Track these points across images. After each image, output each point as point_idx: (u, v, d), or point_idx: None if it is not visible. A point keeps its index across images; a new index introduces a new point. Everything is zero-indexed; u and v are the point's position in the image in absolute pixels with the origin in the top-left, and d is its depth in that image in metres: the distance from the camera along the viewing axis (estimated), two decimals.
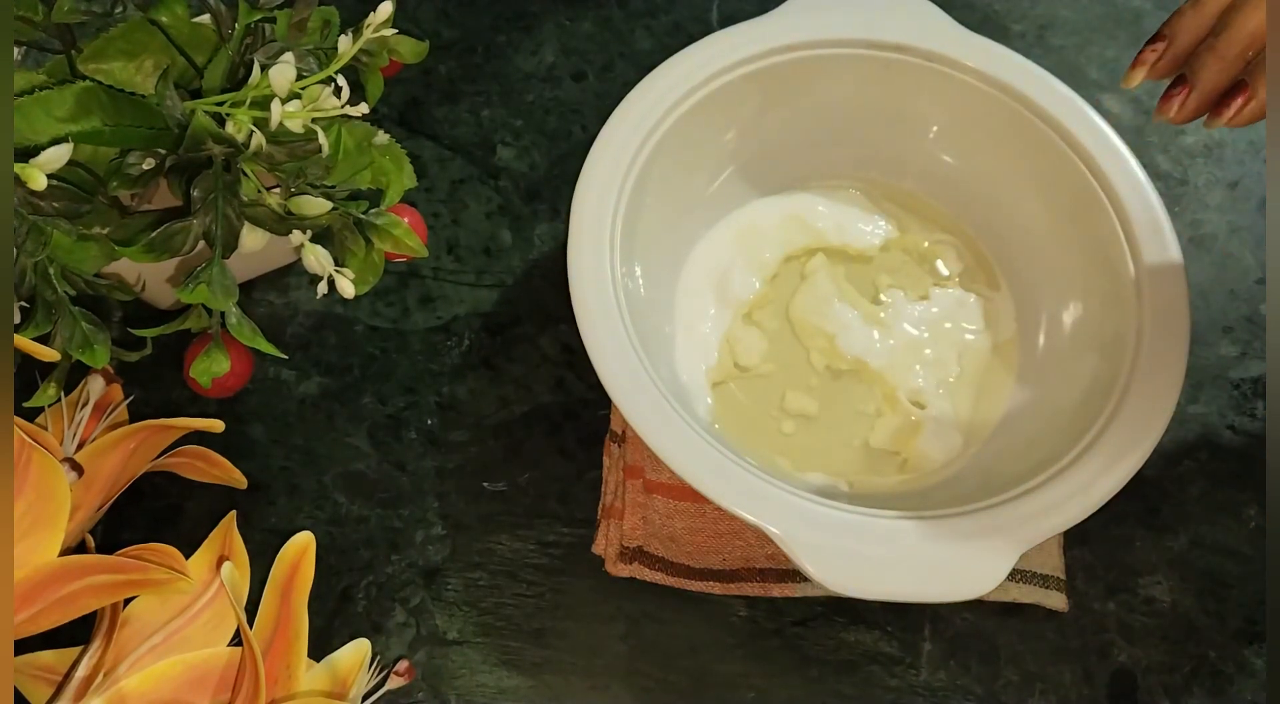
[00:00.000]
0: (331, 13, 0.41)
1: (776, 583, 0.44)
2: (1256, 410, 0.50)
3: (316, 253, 0.39)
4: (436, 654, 0.43)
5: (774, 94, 0.48)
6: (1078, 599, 0.45)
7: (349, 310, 0.50)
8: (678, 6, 0.59)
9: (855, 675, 0.44)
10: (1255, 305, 0.53)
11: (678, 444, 0.39)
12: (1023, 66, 0.47)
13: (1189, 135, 0.57)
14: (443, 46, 0.57)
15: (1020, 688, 0.44)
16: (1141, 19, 0.61)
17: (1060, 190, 0.47)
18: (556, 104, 0.56)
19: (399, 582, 0.44)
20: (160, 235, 0.37)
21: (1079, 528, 0.39)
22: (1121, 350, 0.43)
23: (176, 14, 0.38)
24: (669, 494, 0.45)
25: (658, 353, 0.43)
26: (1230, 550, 0.47)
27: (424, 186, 0.53)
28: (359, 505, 0.46)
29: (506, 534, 0.46)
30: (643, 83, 0.45)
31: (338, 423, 0.47)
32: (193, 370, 0.41)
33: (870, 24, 0.47)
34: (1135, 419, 0.40)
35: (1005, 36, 0.59)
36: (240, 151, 0.36)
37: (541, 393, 0.48)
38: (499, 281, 0.51)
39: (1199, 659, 0.45)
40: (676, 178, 0.47)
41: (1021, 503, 0.39)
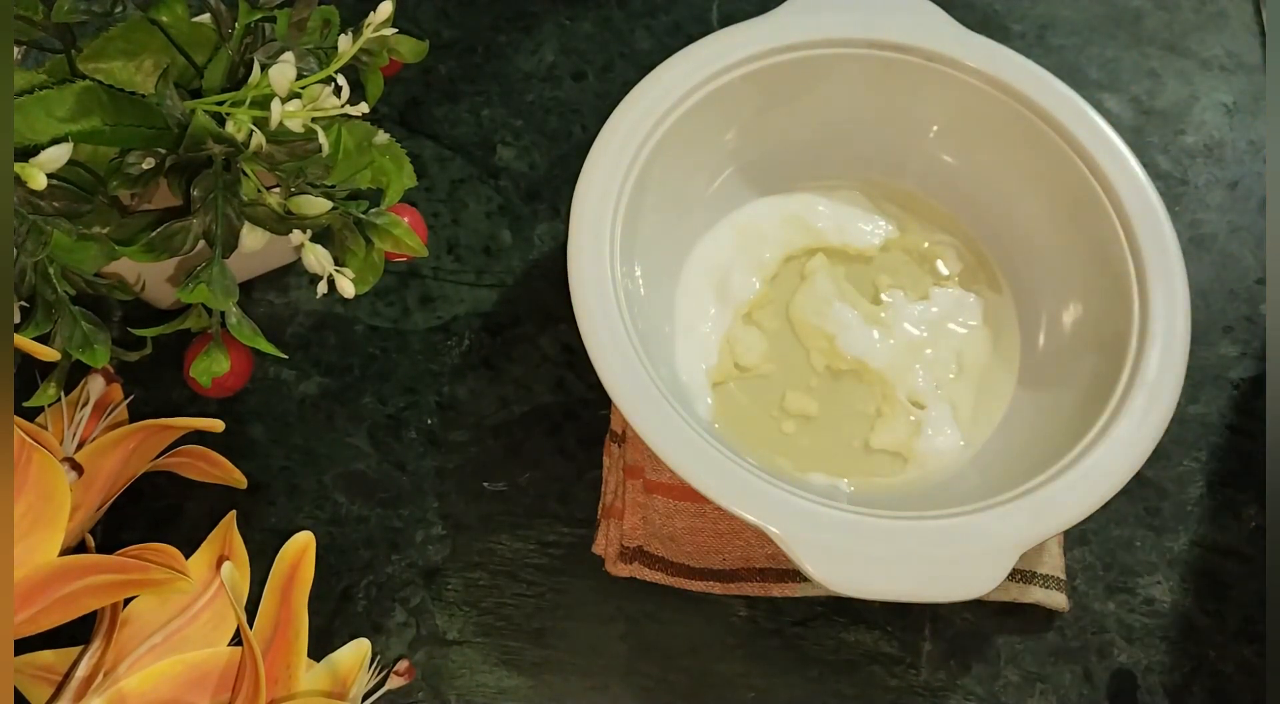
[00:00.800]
0: (331, 12, 0.41)
1: (776, 583, 0.44)
2: (1256, 410, 0.50)
3: (316, 252, 0.39)
4: (437, 654, 0.43)
5: (774, 94, 0.48)
6: (1078, 599, 0.45)
7: (349, 310, 0.50)
8: (678, 6, 0.59)
9: (855, 675, 0.44)
10: (1255, 305, 0.53)
11: (678, 444, 0.39)
12: (1023, 66, 0.47)
13: (1189, 135, 0.57)
14: (443, 46, 0.57)
15: (1020, 688, 0.44)
16: (1142, 19, 0.61)
17: (1060, 190, 0.47)
18: (556, 104, 0.56)
19: (399, 581, 0.44)
20: (160, 235, 0.37)
21: (1079, 528, 0.39)
22: (1121, 350, 0.43)
23: (176, 13, 0.38)
24: (669, 494, 0.45)
25: (658, 353, 0.43)
26: (1230, 550, 0.47)
27: (424, 186, 0.53)
28: (359, 505, 0.46)
29: (507, 534, 0.46)
30: (643, 83, 0.45)
31: (338, 423, 0.47)
32: (193, 370, 0.41)
33: (870, 24, 0.47)
34: (1135, 419, 0.40)
35: (1005, 36, 0.59)
36: (240, 151, 0.36)
37: (541, 393, 0.48)
38: (499, 281, 0.51)
39: (1199, 659, 0.45)
40: (676, 178, 0.47)
41: (1021, 503, 0.39)
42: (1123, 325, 0.43)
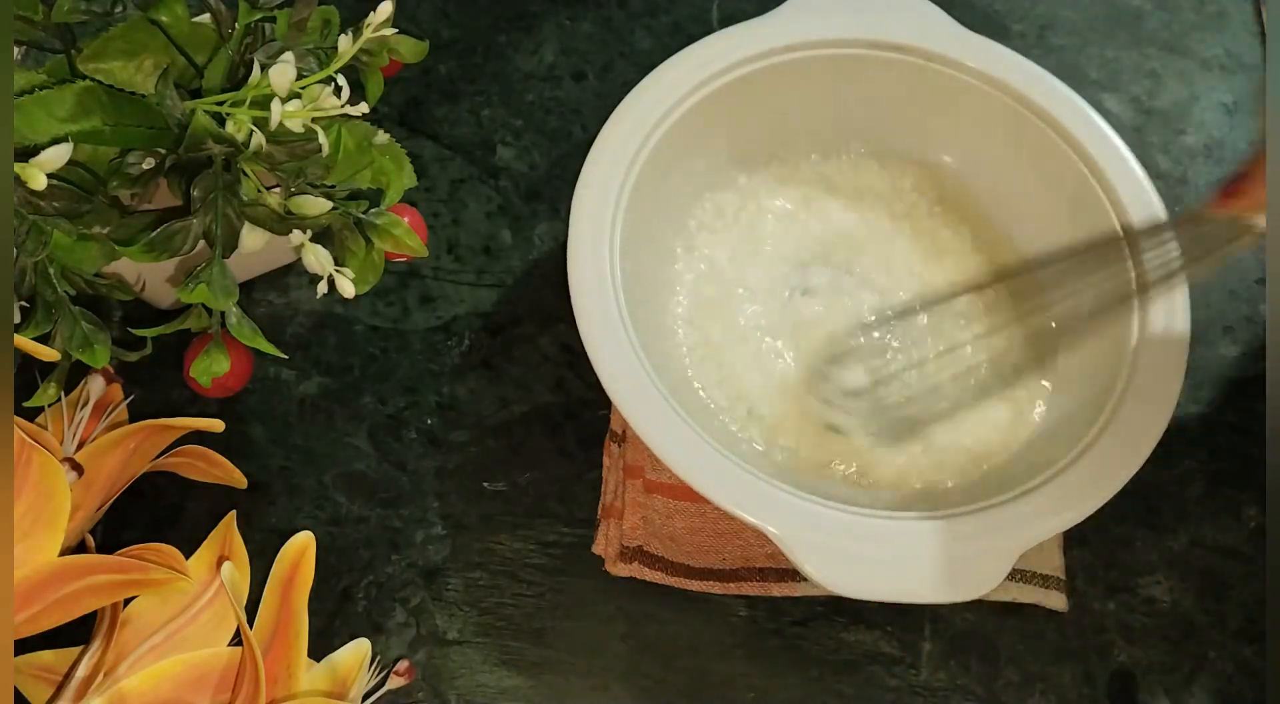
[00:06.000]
0: (331, 12, 0.41)
1: (776, 582, 0.44)
2: (1256, 410, 0.50)
3: (317, 252, 0.39)
4: (437, 654, 0.43)
5: (774, 94, 0.48)
6: (1078, 599, 0.45)
7: (349, 310, 0.50)
8: (678, 7, 0.59)
9: (855, 675, 0.44)
10: (1255, 305, 0.53)
11: (677, 444, 0.39)
12: (1023, 66, 0.47)
13: (1189, 135, 0.57)
14: (443, 46, 0.57)
15: (1020, 688, 0.44)
16: (1142, 19, 0.61)
17: (1060, 190, 0.47)
18: (556, 104, 0.56)
19: (399, 581, 0.44)
20: (160, 235, 0.37)
21: (1079, 528, 0.39)
22: (1121, 351, 0.43)
23: (176, 13, 0.38)
24: (669, 494, 0.45)
25: (658, 353, 0.43)
26: (1230, 550, 0.47)
27: (424, 186, 0.53)
28: (359, 505, 0.46)
29: (506, 534, 0.46)
30: (643, 83, 0.45)
31: (338, 423, 0.47)
32: (193, 370, 0.41)
33: (870, 24, 0.47)
34: (1135, 419, 0.40)
35: (1005, 36, 0.59)
36: (240, 151, 0.36)
37: (541, 393, 0.48)
38: (499, 281, 0.51)
39: (1199, 659, 0.45)
40: (677, 178, 0.47)
41: (1021, 503, 0.39)
42: (1123, 324, 0.43)
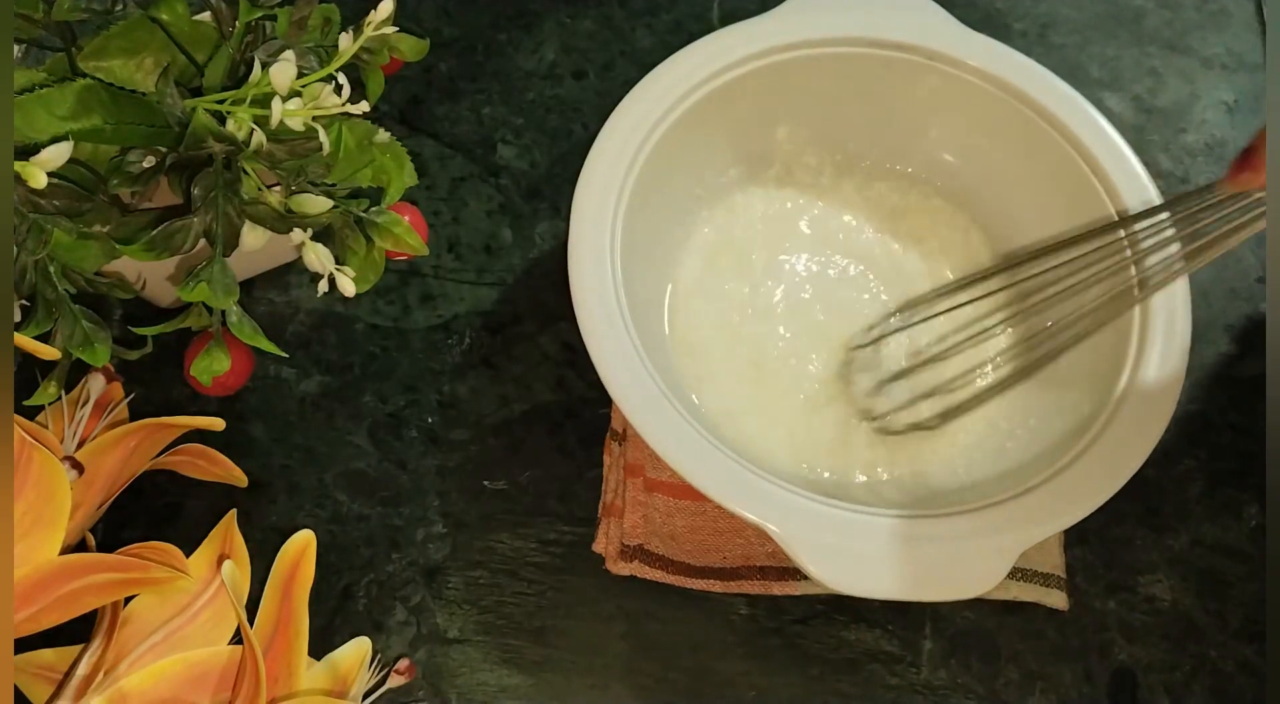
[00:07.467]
0: (332, 10, 0.41)
1: (777, 581, 0.44)
2: (1257, 409, 0.50)
3: (317, 251, 0.39)
4: (437, 652, 0.43)
5: (774, 93, 0.48)
6: (1078, 598, 0.45)
7: (349, 308, 0.50)
8: (678, 5, 0.59)
9: (856, 674, 0.44)
10: (1255, 304, 0.53)
11: (678, 442, 0.39)
12: (1024, 65, 0.47)
13: (1190, 134, 0.57)
14: (443, 44, 0.57)
15: (1021, 686, 0.44)
16: (1143, 18, 0.61)
17: (1061, 188, 0.47)
18: (557, 102, 0.56)
19: (400, 580, 0.44)
20: (161, 233, 0.37)
21: (1079, 527, 0.39)
22: (1122, 349, 0.43)
23: (177, 12, 0.38)
24: (669, 492, 0.45)
25: (657, 351, 0.43)
26: (1230, 550, 0.47)
27: (425, 185, 0.53)
28: (359, 504, 0.46)
29: (507, 532, 0.46)
30: (643, 81, 0.45)
31: (338, 421, 0.47)
32: (193, 369, 0.41)
33: (871, 23, 0.47)
34: (1135, 419, 0.40)
35: (1007, 35, 0.59)
36: (241, 149, 0.36)
37: (542, 391, 0.48)
38: (499, 280, 0.51)
39: (1199, 658, 0.45)
40: (677, 176, 0.47)
41: (1021, 503, 0.39)
42: (1123, 324, 0.43)
